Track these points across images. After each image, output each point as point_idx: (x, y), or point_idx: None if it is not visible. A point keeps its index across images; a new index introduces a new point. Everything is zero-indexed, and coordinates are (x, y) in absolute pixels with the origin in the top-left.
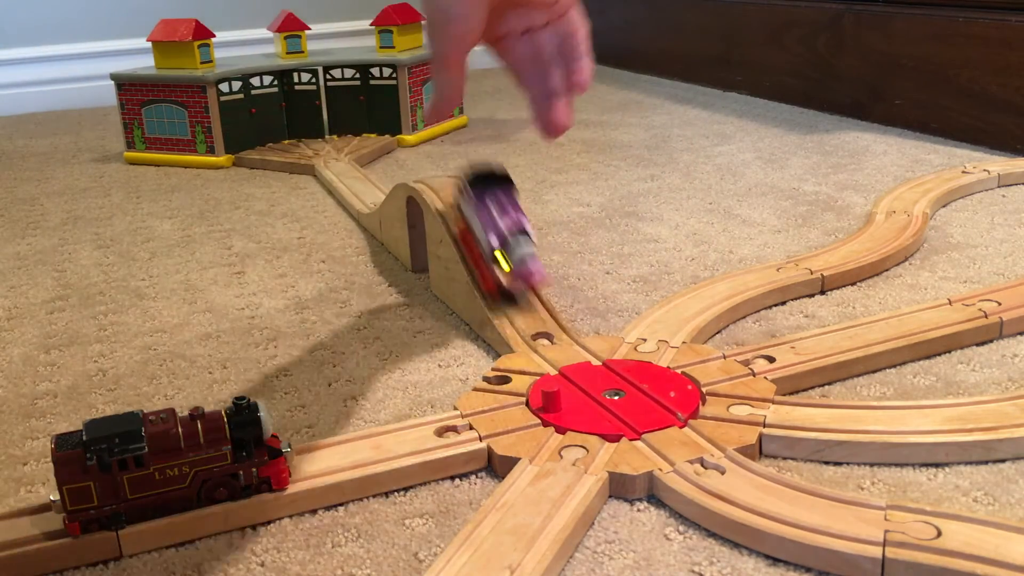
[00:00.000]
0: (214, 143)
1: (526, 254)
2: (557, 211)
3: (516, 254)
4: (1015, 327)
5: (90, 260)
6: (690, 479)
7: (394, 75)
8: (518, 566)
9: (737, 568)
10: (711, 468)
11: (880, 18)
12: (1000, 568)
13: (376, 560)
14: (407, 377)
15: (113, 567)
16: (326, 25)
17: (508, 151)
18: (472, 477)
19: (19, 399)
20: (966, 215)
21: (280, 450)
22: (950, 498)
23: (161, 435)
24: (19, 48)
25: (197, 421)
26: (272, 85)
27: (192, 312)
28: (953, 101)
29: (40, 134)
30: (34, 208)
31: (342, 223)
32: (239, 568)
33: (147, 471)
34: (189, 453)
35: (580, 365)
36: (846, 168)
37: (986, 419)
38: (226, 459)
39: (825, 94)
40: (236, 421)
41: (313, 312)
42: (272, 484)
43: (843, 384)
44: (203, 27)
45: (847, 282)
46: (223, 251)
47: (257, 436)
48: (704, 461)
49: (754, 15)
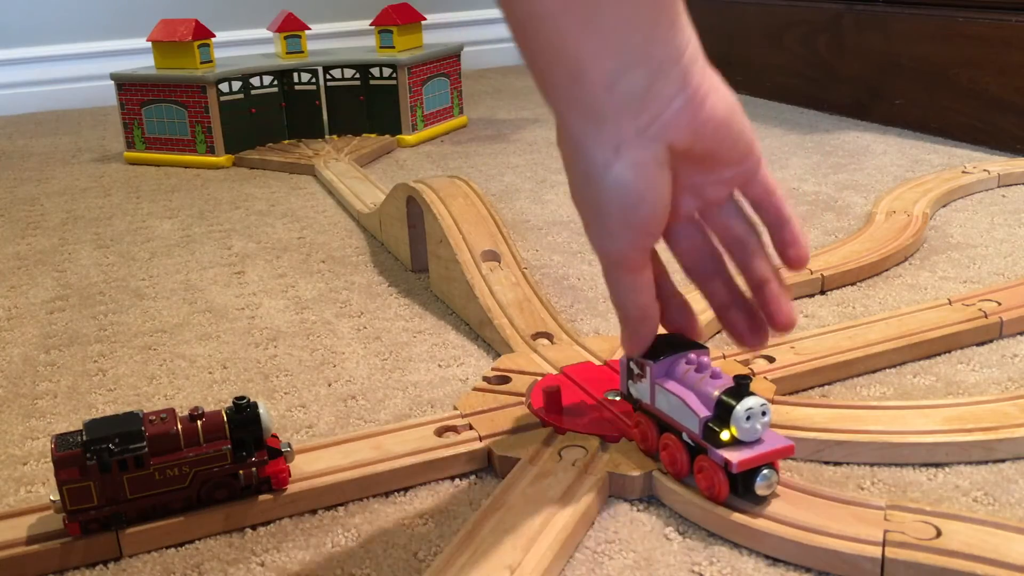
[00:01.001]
0: (214, 143)
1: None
2: (557, 211)
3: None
4: (1015, 327)
5: (90, 260)
6: (690, 480)
7: (394, 75)
8: (518, 566)
9: (737, 568)
10: None
11: (880, 18)
12: (1000, 568)
13: (376, 560)
14: (407, 377)
15: (113, 567)
16: (326, 25)
17: (508, 151)
18: (472, 477)
19: (19, 399)
20: (966, 215)
21: (280, 450)
22: (950, 498)
23: (161, 435)
24: (19, 48)
25: (197, 421)
26: (272, 85)
27: (192, 312)
28: (953, 101)
29: (40, 134)
30: (34, 208)
31: (342, 223)
32: (239, 568)
33: (147, 471)
34: (189, 453)
35: (582, 365)
36: (846, 168)
37: (986, 419)
38: (226, 459)
39: (825, 94)
40: (236, 421)
41: (313, 312)
42: (272, 484)
43: (843, 384)
44: (203, 27)
45: (847, 282)
46: (223, 251)
47: (257, 436)
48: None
49: (754, 15)
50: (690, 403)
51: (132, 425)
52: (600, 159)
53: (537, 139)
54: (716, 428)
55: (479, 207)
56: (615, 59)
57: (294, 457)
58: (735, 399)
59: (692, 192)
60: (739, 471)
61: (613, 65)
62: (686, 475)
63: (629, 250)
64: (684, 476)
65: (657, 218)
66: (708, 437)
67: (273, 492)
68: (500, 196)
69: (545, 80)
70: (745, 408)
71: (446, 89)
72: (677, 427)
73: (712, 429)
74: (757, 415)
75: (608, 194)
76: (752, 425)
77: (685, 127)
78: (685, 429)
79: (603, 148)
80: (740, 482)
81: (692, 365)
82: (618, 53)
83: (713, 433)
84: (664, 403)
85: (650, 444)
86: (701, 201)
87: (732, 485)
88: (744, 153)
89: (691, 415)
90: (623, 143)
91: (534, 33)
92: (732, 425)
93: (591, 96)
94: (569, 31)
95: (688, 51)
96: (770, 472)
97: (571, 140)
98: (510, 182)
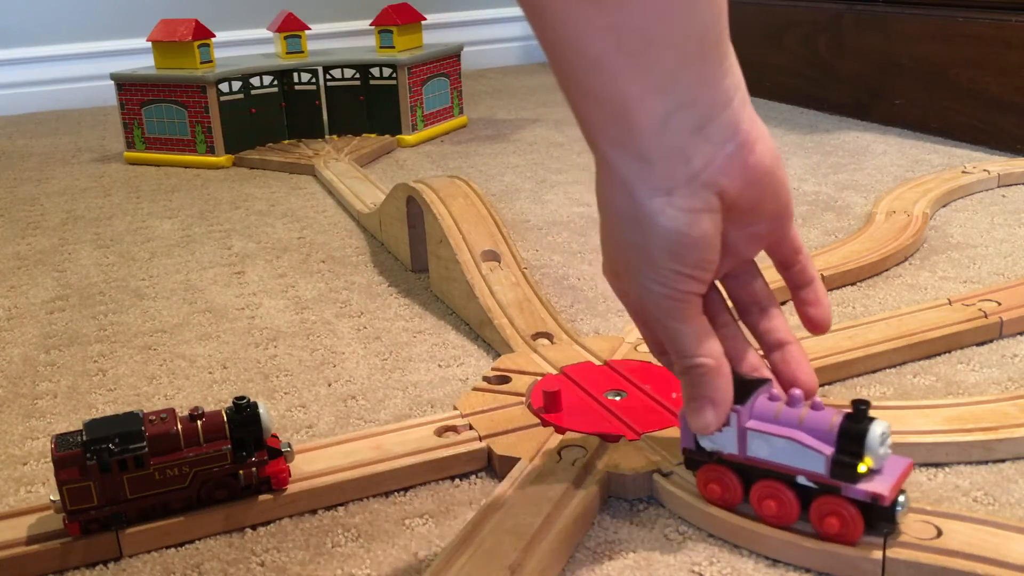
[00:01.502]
0: (214, 143)
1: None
2: (557, 211)
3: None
4: (1015, 327)
5: (90, 260)
6: (690, 480)
7: (394, 75)
8: (518, 566)
9: (737, 568)
10: None
11: (880, 18)
12: (1000, 568)
13: (376, 560)
14: (407, 377)
15: (113, 567)
16: (326, 25)
17: (508, 151)
18: (472, 477)
19: (19, 399)
20: (966, 215)
21: (280, 450)
22: (950, 498)
23: (161, 435)
24: (19, 48)
25: (197, 421)
26: (272, 85)
27: (192, 312)
28: (953, 101)
29: (40, 134)
30: (34, 208)
31: (342, 223)
32: (239, 568)
33: (147, 471)
34: (189, 453)
35: (582, 365)
36: (846, 168)
37: (986, 419)
38: (226, 459)
39: (825, 94)
40: (236, 421)
41: (313, 312)
42: (272, 484)
43: (843, 384)
44: (203, 27)
45: (847, 282)
46: (223, 251)
47: (257, 436)
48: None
49: (754, 15)
50: (806, 442)
51: (132, 425)
52: (650, 204)
53: (537, 139)
54: (849, 462)
55: (479, 207)
56: (664, 100)
57: (294, 457)
58: (863, 426)
59: (727, 249)
60: (891, 502)
61: (662, 107)
62: (794, 522)
63: (682, 295)
64: (792, 523)
65: (710, 265)
66: (840, 474)
67: (273, 492)
68: (500, 196)
69: (588, 118)
70: (879, 433)
71: (446, 89)
72: (786, 471)
73: (844, 464)
74: (887, 439)
75: (660, 240)
76: (885, 451)
77: (737, 175)
78: (801, 471)
79: (653, 193)
80: (880, 514)
81: (777, 401)
82: (667, 93)
83: (847, 468)
84: (763, 449)
85: (734, 497)
86: (734, 259)
87: (867, 520)
88: (784, 206)
89: (811, 454)
90: (675, 188)
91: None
92: (867, 455)
93: (639, 138)
94: (617, 70)
95: (738, 95)
96: (905, 496)
97: (616, 182)
98: (510, 182)
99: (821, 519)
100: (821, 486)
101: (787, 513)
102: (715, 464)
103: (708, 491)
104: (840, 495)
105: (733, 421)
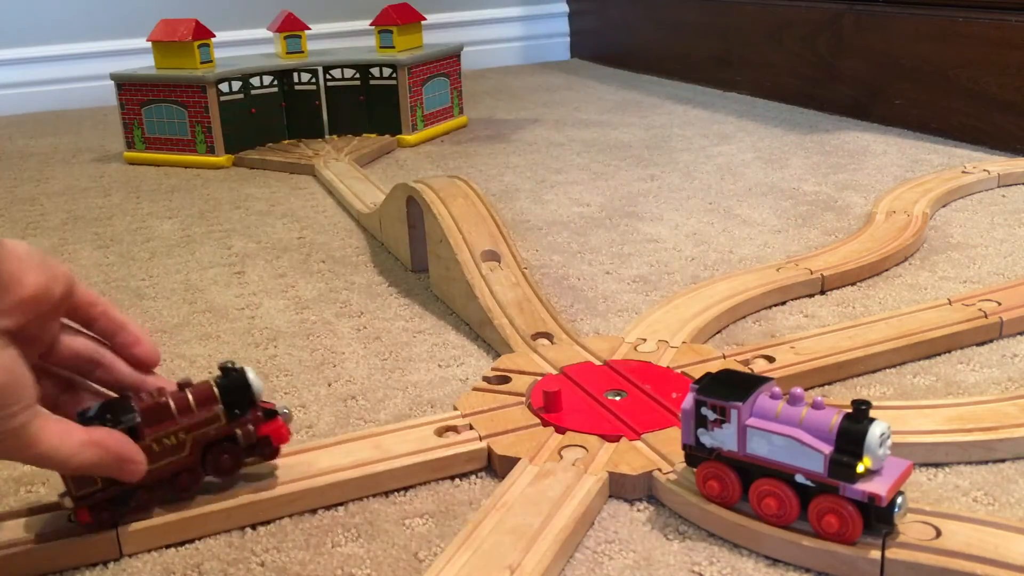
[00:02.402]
0: (214, 143)
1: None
2: (557, 211)
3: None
4: (1015, 327)
5: (90, 260)
6: (690, 480)
7: (394, 75)
8: (518, 566)
9: (737, 568)
10: None
11: (880, 18)
12: (1000, 568)
13: (376, 560)
14: (407, 377)
15: (113, 567)
16: (326, 25)
17: (508, 151)
18: (472, 477)
19: None
20: (966, 215)
21: (276, 411)
22: (950, 498)
23: (152, 406)
24: (19, 48)
25: (186, 389)
26: (272, 85)
27: (192, 312)
28: (953, 101)
29: (40, 134)
30: (34, 208)
31: (342, 223)
32: (239, 568)
33: (144, 443)
34: (182, 419)
35: (583, 365)
36: (846, 168)
37: (986, 419)
38: (220, 419)
39: (825, 94)
40: (225, 384)
41: (313, 312)
42: (272, 442)
43: (843, 384)
44: (203, 27)
45: (847, 282)
46: (223, 251)
47: (248, 397)
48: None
49: (754, 15)
50: (806, 440)
51: (122, 402)
52: None
53: (537, 139)
54: (847, 461)
55: (479, 207)
56: None
57: (292, 418)
58: (862, 426)
59: (30, 346)
60: (888, 503)
61: None
62: (794, 520)
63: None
64: (792, 522)
65: (23, 389)
66: (838, 473)
67: (274, 452)
68: (500, 196)
69: None
70: (879, 434)
71: (446, 89)
72: (785, 469)
73: (843, 463)
74: (887, 439)
75: None
76: (884, 451)
77: (13, 313)
78: (799, 470)
79: None
80: (877, 515)
81: (779, 399)
82: None
83: (845, 467)
84: (763, 446)
85: (733, 494)
86: (39, 348)
87: (866, 520)
88: (62, 294)
89: (810, 453)
90: None
91: None
92: (866, 455)
93: None
94: None
95: None
96: (903, 497)
97: None
98: (510, 182)
99: (820, 518)
100: (820, 485)
101: (787, 512)
102: (715, 461)
103: (707, 488)
104: (839, 494)
105: (734, 418)
